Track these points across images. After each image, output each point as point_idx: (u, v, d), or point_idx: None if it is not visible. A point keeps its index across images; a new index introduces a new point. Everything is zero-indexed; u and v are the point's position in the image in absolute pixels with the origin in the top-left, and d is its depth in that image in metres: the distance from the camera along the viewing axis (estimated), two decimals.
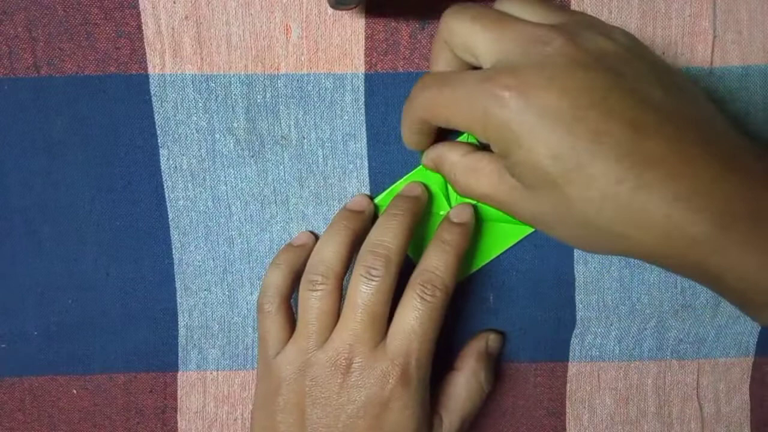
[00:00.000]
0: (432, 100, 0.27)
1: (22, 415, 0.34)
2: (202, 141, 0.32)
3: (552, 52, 0.24)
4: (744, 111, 0.33)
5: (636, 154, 0.23)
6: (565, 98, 0.23)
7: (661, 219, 0.23)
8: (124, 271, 0.33)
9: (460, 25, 0.26)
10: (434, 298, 0.28)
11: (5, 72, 0.32)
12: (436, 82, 0.27)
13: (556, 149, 0.23)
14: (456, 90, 0.25)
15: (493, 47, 0.25)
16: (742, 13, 0.32)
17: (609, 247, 0.25)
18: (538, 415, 0.35)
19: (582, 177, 0.23)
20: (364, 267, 0.29)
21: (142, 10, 0.31)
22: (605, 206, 0.23)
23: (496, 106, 0.24)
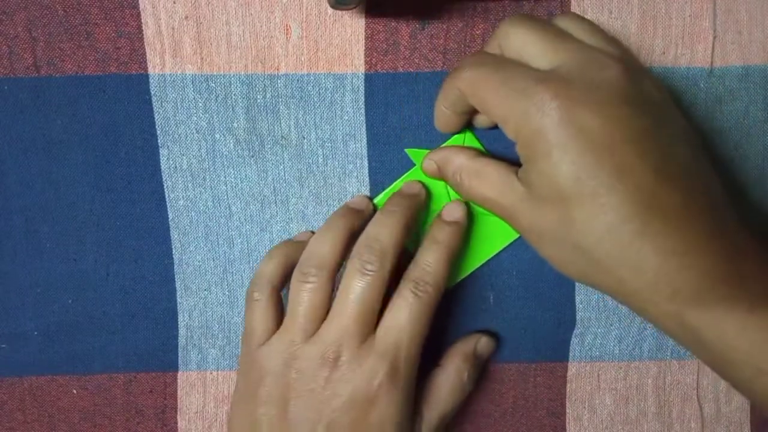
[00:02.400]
0: (481, 77, 0.26)
1: (22, 415, 0.34)
2: (202, 141, 0.32)
3: (607, 78, 0.25)
4: (744, 111, 0.33)
5: (651, 201, 0.24)
6: (606, 127, 0.24)
7: (653, 266, 0.24)
8: (124, 271, 0.33)
9: (518, 32, 0.27)
10: (426, 295, 0.28)
11: (5, 72, 0.32)
12: (493, 64, 0.27)
13: (580, 171, 0.24)
14: (509, 78, 0.25)
15: (550, 57, 0.26)
16: (742, 13, 0.32)
17: (593, 278, 0.26)
18: (538, 415, 0.35)
19: (593, 205, 0.24)
20: (358, 261, 0.28)
21: (142, 10, 0.31)
22: (606, 239, 0.24)
23: (539, 111, 0.24)
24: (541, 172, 0.25)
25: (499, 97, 0.26)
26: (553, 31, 0.27)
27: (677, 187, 0.24)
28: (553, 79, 0.25)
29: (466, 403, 0.34)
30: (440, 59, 0.32)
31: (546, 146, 0.25)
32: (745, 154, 0.33)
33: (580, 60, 0.25)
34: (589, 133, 0.24)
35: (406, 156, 0.33)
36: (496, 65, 0.26)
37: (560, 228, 0.25)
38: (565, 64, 0.25)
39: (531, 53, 0.26)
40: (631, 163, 0.24)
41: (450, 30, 0.32)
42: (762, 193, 0.33)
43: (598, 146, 0.24)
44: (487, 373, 0.34)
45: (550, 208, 0.25)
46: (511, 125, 0.26)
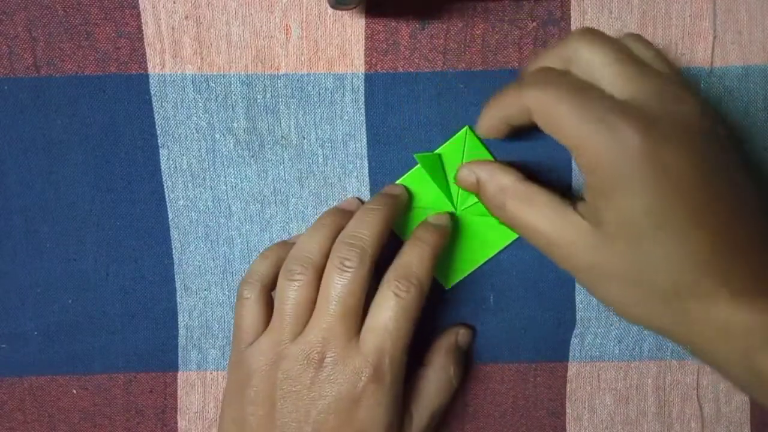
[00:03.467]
0: (554, 99, 0.25)
1: (22, 415, 0.34)
2: (202, 141, 0.32)
3: (684, 113, 0.24)
4: (744, 111, 0.33)
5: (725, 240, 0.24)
6: (688, 166, 0.24)
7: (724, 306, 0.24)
8: (124, 271, 0.33)
9: (591, 50, 0.26)
10: (408, 294, 0.28)
11: (5, 72, 0.32)
12: (568, 85, 0.25)
13: (660, 209, 0.24)
14: (587, 105, 0.24)
15: (625, 84, 0.25)
16: (742, 13, 0.32)
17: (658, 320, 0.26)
18: (538, 415, 0.35)
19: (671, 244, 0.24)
20: (338, 258, 0.28)
21: (142, 10, 0.31)
22: (677, 276, 0.24)
23: (622, 145, 0.23)
24: (617, 208, 0.24)
25: (575, 125, 0.24)
26: (627, 55, 0.25)
27: (751, 230, 0.25)
28: (634, 112, 0.24)
29: (466, 403, 0.34)
30: (440, 59, 0.32)
31: (626, 182, 0.24)
32: (745, 154, 0.33)
33: (656, 92, 0.24)
34: (671, 171, 0.24)
35: (406, 156, 0.33)
36: (571, 88, 0.25)
37: (631, 267, 0.25)
38: (642, 94, 0.24)
39: (604, 77, 0.25)
40: (709, 202, 0.24)
41: (450, 30, 0.32)
42: (762, 192, 0.33)
43: (679, 185, 0.24)
44: (487, 373, 0.34)
45: (622, 246, 0.25)
46: (586, 155, 0.24)
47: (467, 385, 0.34)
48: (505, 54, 0.32)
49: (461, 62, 0.32)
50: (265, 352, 0.29)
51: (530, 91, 0.26)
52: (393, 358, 0.28)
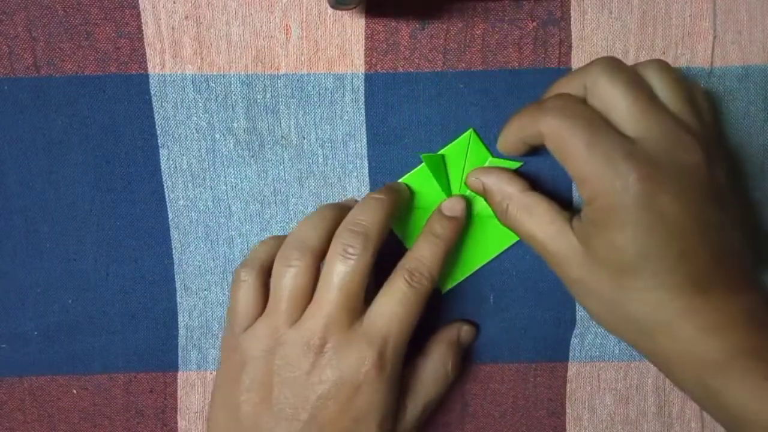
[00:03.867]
0: (567, 130, 0.26)
1: (22, 415, 0.34)
2: (202, 141, 0.32)
3: (690, 164, 0.26)
4: (744, 111, 0.33)
5: (701, 283, 0.26)
6: (682, 214, 0.25)
7: (688, 338, 0.26)
8: (124, 271, 0.33)
9: (610, 85, 0.26)
10: (420, 286, 0.28)
11: (5, 72, 0.32)
12: (582, 119, 0.26)
13: (648, 250, 0.25)
14: (597, 142, 0.25)
15: (637, 124, 0.26)
16: (742, 13, 0.32)
17: (628, 336, 0.28)
18: (538, 415, 0.35)
19: (651, 281, 0.26)
20: (341, 245, 0.28)
21: (142, 10, 0.31)
22: (652, 311, 0.26)
23: (623, 187, 0.25)
24: (608, 241, 0.26)
25: (583, 158, 0.26)
26: (644, 94, 0.26)
27: (725, 273, 0.26)
28: (640, 157, 0.25)
29: (466, 403, 0.34)
30: (440, 59, 0.32)
31: (621, 220, 0.25)
32: (745, 154, 0.33)
33: (666, 137, 0.26)
34: (665, 217, 0.25)
35: (406, 156, 0.33)
36: (585, 122, 0.26)
37: (611, 292, 0.27)
38: (652, 137, 0.26)
39: (618, 113, 0.26)
40: (695, 248, 0.25)
41: (450, 30, 0.32)
42: (762, 193, 0.33)
43: (670, 230, 0.25)
44: (487, 373, 0.34)
45: (606, 274, 0.27)
46: (588, 189, 0.26)
47: (467, 385, 0.34)
48: (505, 54, 0.32)
49: (461, 62, 0.32)
50: (261, 337, 0.28)
51: (546, 117, 0.27)
52: (396, 346, 0.28)
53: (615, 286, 0.27)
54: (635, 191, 0.25)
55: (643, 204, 0.25)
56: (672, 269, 0.25)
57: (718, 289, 0.26)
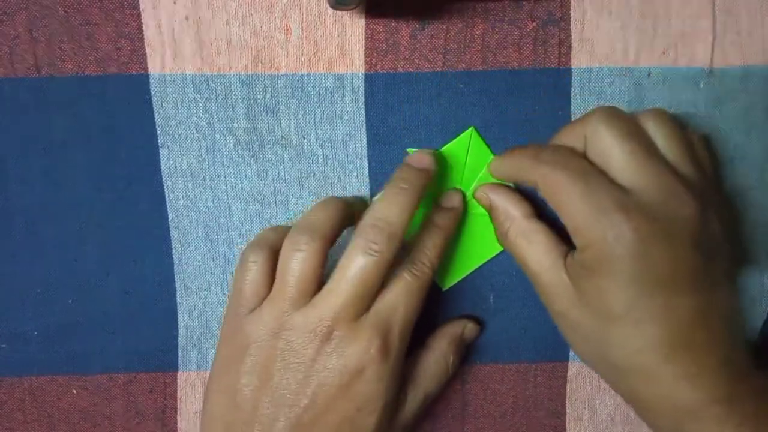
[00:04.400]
0: (561, 181, 0.27)
1: (22, 415, 0.34)
2: (202, 141, 0.32)
3: (683, 218, 0.26)
4: (744, 111, 0.33)
5: (683, 335, 0.26)
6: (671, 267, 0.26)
7: (666, 385, 0.27)
8: (124, 271, 0.33)
9: (609, 136, 0.27)
10: (422, 275, 0.29)
11: (6, 72, 0.32)
12: (576, 170, 0.27)
13: (634, 300, 0.26)
14: (591, 192, 0.26)
15: (633, 176, 0.27)
16: (742, 13, 0.32)
17: (607, 377, 0.29)
18: (538, 415, 0.35)
19: (634, 329, 0.26)
20: (364, 240, 0.28)
21: (142, 10, 0.31)
22: (633, 357, 0.27)
23: (616, 238, 0.26)
24: (597, 287, 0.27)
25: (576, 209, 0.26)
26: (641, 145, 0.27)
27: (707, 326, 0.27)
28: (633, 208, 0.26)
29: (466, 403, 0.34)
30: (440, 59, 0.32)
31: (611, 269, 0.26)
32: (745, 154, 0.33)
33: (661, 189, 0.26)
34: (655, 268, 0.26)
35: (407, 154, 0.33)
36: (579, 173, 0.27)
37: (595, 332, 0.28)
38: (647, 188, 0.26)
39: (615, 163, 0.27)
40: (680, 302, 0.26)
41: (450, 30, 0.32)
42: (762, 193, 0.33)
43: (658, 282, 0.26)
44: (487, 373, 0.34)
45: (592, 315, 0.27)
46: (581, 238, 0.27)
47: (467, 385, 0.34)
48: (505, 54, 0.32)
49: (461, 62, 0.32)
50: (266, 321, 0.28)
51: (541, 168, 0.28)
52: (400, 334, 0.28)
53: (599, 328, 0.27)
54: (627, 242, 0.26)
55: (633, 255, 0.26)
56: (655, 320, 0.26)
57: (699, 342, 0.27)
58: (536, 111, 0.32)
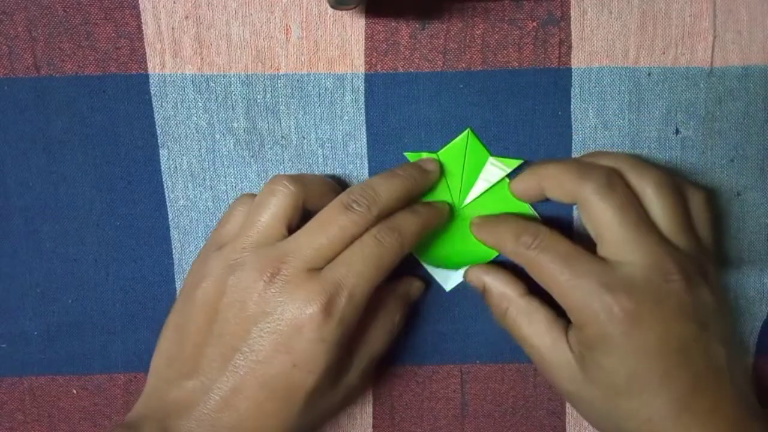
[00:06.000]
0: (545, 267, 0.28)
1: (22, 415, 0.34)
2: (202, 141, 0.32)
3: (670, 291, 0.27)
4: (744, 111, 0.33)
5: (686, 403, 0.27)
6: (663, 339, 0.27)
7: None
8: (124, 271, 0.33)
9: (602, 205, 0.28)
10: (388, 243, 0.28)
11: (5, 72, 0.32)
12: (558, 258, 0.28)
13: (635, 373, 0.27)
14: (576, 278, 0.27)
15: (621, 250, 0.27)
16: (742, 13, 0.32)
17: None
18: (538, 415, 0.35)
19: (639, 401, 0.27)
20: (347, 197, 0.28)
21: (142, 10, 0.31)
22: (642, 426, 0.27)
23: (608, 319, 0.26)
24: (599, 364, 0.27)
25: (565, 293, 0.27)
26: (633, 219, 0.28)
27: (710, 388, 0.27)
28: (620, 289, 0.27)
29: (466, 403, 0.34)
30: (440, 59, 0.32)
31: (609, 347, 0.27)
32: (745, 154, 0.33)
33: (649, 264, 0.27)
34: (648, 342, 0.27)
35: (405, 156, 0.33)
36: (563, 257, 0.28)
37: (603, 406, 0.28)
38: (635, 263, 0.27)
39: (606, 234, 0.28)
40: (676, 370, 0.27)
41: (450, 30, 0.32)
42: (762, 193, 0.33)
43: (653, 354, 0.27)
44: (487, 373, 0.34)
45: (599, 390, 0.28)
46: (576, 317, 0.28)
47: (467, 385, 0.34)
48: (505, 54, 0.32)
49: (461, 62, 0.32)
50: (225, 256, 0.28)
51: (528, 253, 0.28)
52: (350, 298, 0.27)
53: (607, 402, 0.28)
54: (617, 321, 0.26)
55: (625, 332, 0.26)
56: (657, 389, 0.27)
57: (704, 407, 0.27)
58: (536, 111, 0.32)
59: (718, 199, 0.33)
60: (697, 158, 0.33)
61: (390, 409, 0.34)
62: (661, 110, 0.32)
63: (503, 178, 0.32)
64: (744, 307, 0.34)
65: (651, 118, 0.32)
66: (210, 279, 0.28)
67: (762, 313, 0.34)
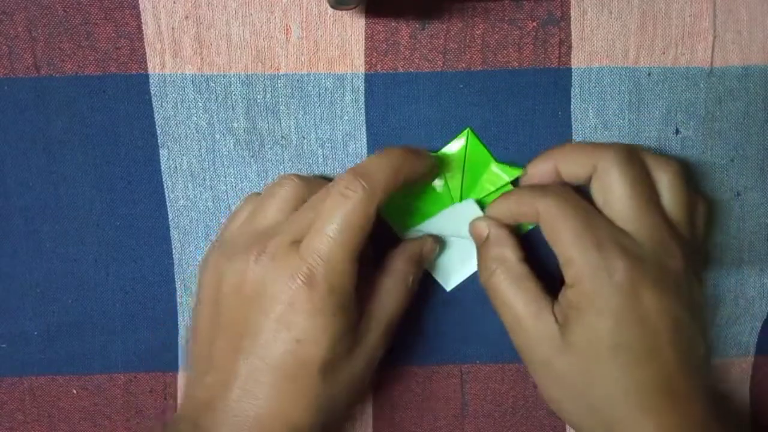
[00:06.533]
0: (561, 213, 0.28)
1: (22, 415, 0.34)
2: (202, 141, 0.32)
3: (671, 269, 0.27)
4: (744, 111, 0.33)
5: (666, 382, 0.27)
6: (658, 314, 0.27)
7: None
8: (124, 271, 0.33)
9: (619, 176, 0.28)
10: (355, 195, 0.26)
11: (5, 72, 0.32)
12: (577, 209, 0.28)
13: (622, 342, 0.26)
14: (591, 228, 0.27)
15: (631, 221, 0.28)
16: (742, 13, 0.32)
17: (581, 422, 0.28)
18: (538, 415, 0.35)
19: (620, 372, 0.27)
20: (340, 179, 0.27)
21: (142, 10, 0.31)
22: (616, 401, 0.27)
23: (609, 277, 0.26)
24: (586, 326, 0.27)
25: (572, 242, 0.27)
26: (645, 194, 0.28)
27: (689, 377, 0.27)
28: (629, 250, 0.27)
29: (466, 403, 0.34)
30: (440, 59, 0.32)
31: (601, 307, 0.27)
32: (745, 154, 0.33)
33: (654, 239, 0.27)
34: (642, 311, 0.27)
35: None
36: (581, 209, 0.28)
37: (579, 378, 0.27)
38: (641, 236, 0.27)
39: (616, 204, 0.28)
40: (663, 347, 0.27)
41: (450, 30, 0.32)
42: (762, 193, 0.33)
43: (645, 325, 0.27)
44: (487, 373, 0.34)
45: (578, 359, 0.27)
46: (573, 272, 0.27)
47: (467, 385, 0.34)
48: (505, 54, 0.32)
49: (461, 62, 0.32)
50: (223, 248, 0.29)
51: (545, 198, 0.28)
52: (331, 265, 0.26)
53: (584, 372, 0.27)
54: (619, 280, 0.26)
55: (624, 292, 0.26)
56: (641, 363, 0.27)
57: (681, 394, 0.27)
58: (536, 111, 0.32)
59: (718, 199, 0.33)
60: (697, 158, 0.33)
61: (390, 409, 0.34)
62: (661, 110, 0.32)
63: (506, 184, 0.32)
64: (744, 307, 0.34)
65: (651, 118, 0.32)
66: (209, 271, 0.28)
67: (762, 313, 0.34)
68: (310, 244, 0.26)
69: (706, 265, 0.33)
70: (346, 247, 0.26)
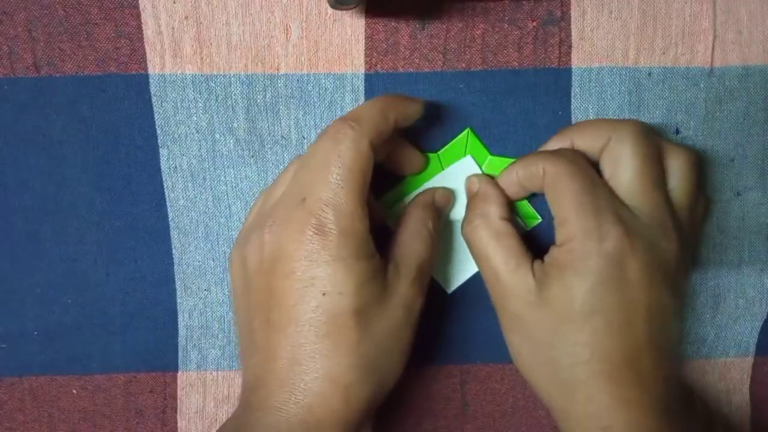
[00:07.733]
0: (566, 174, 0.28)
1: (22, 415, 0.34)
2: (202, 141, 0.32)
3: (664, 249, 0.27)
4: (744, 111, 0.33)
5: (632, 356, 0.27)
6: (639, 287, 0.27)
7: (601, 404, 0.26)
8: (124, 271, 0.33)
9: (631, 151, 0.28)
10: (346, 137, 0.26)
11: (5, 72, 0.32)
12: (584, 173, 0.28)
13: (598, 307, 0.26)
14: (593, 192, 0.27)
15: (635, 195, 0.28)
16: (742, 13, 0.32)
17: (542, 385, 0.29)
18: (538, 415, 0.35)
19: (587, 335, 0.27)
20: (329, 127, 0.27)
21: (142, 10, 0.31)
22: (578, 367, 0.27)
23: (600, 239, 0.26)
24: (564, 286, 0.27)
25: (572, 201, 0.27)
26: (652, 173, 0.28)
27: (656, 356, 0.27)
28: (626, 222, 0.27)
29: (466, 403, 0.34)
30: (440, 59, 0.32)
31: (584, 268, 0.26)
32: (745, 154, 0.33)
33: (652, 218, 0.27)
34: (626, 282, 0.26)
35: None
36: (587, 174, 0.28)
37: (546, 335, 0.27)
38: (641, 211, 0.27)
39: (622, 176, 0.28)
40: (638, 321, 0.27)
41: (450, 30, 0.32)
42: (762, 192, 0.33)
43: (624, 295, 0.27)
44: (487, 373, 0.34)
45: (550, 317, 0.27)
46: (566, 230, 0.27)
47: (467, 385, 0.34)
48: (505, 54, 0.32)
49: (461, 62, 0.32)
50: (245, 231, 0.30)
51: (554, 158, 0.28)
52: (338, 209, 0.26)
53: (552, 331, 0.27)
54: (609, 247, 0.26)
55: (610, 261, 0.26)
56: (612, 332, 0.26)
57: (645, 371, 0.27)
58: (536, 111, 0.32)
59: (718, 199, 0.33)
60: None
61: (390, 409, 0.34)
62: (661, 110, 0.32)
63: None
64: (744, 307, 0.34)
65: (651, 118, 0.32)
66: (234, 264, 0.29)
67: (762, 313, 0.34)
68: (313, 196, 0.26)
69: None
70: (349, 189, 0.26)
